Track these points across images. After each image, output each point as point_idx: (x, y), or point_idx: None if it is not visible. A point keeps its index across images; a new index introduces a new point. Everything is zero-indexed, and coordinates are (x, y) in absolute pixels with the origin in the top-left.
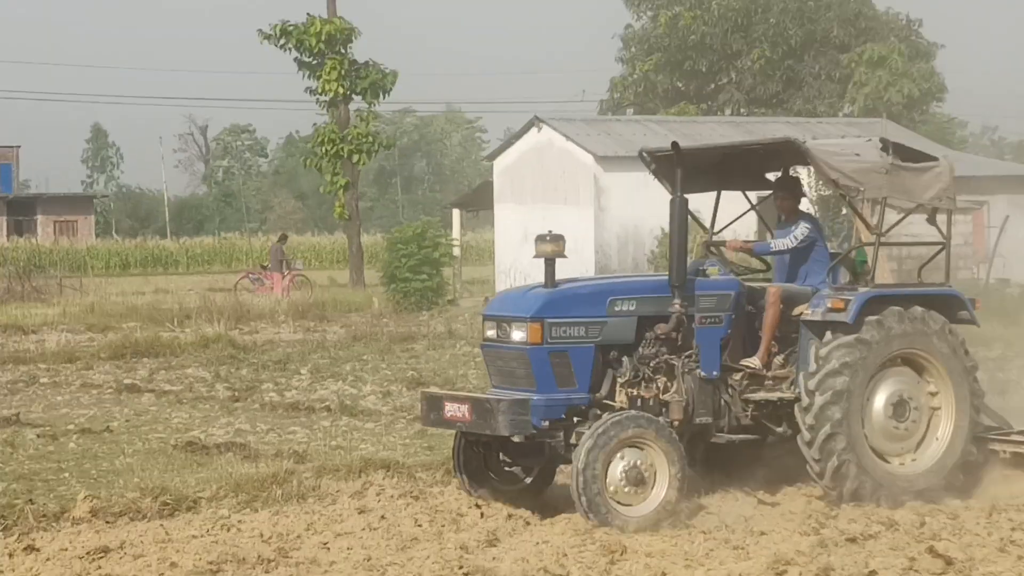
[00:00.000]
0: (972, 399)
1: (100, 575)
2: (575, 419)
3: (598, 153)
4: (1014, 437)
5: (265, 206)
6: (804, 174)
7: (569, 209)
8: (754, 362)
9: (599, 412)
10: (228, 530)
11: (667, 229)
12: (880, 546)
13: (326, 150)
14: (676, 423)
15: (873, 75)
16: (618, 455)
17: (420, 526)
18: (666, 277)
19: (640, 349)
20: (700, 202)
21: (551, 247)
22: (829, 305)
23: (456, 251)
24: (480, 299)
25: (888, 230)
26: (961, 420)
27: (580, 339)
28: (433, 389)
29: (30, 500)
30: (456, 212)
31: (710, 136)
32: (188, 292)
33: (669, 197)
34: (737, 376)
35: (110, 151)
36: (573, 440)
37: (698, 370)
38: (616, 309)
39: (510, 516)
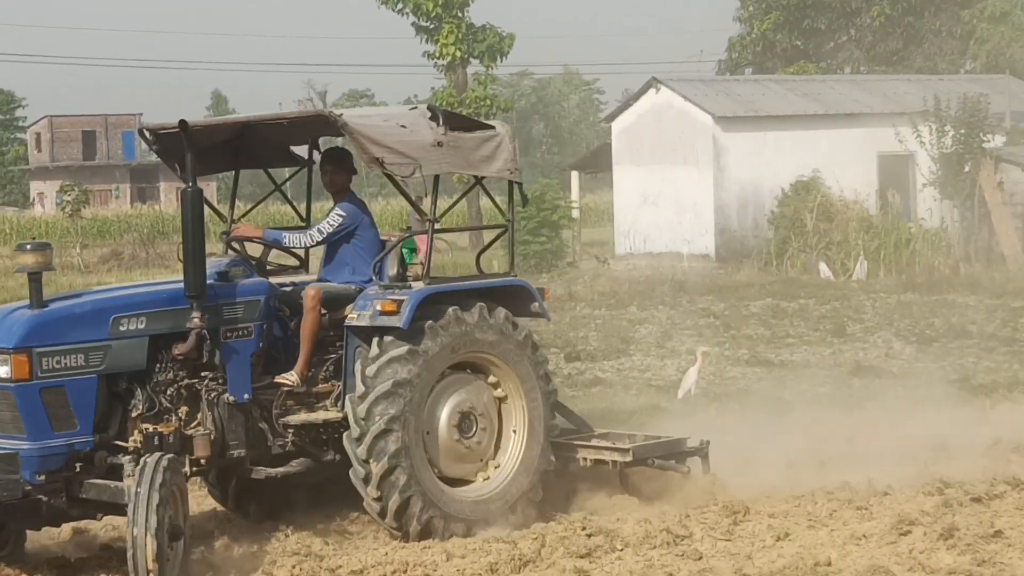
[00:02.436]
0: (545, 401)
1: None
2: (77, 467)
3: (717, 113)
4: (595, 442)
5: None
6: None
7: (688, 170)
8: (291, 378)
9: (107, 456)
10: None
11: (787, 189)
12: (1006, 506)
13: None
14: (204, 461)
15: (995, 31)
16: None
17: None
18: (182, 286)
19: (156, 375)
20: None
21: (34, 258)
22: (379, 308)
23: (575, 213)
24: (604, 260)
25: (443, 214)
26: (535, 427)
27: (79, 370)
28: None
29: None
30: (575, 174)
31: (828, 95)
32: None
33: (788, 156)
34: (272, 396)
35: None
36: (85, 494)
37: (226, 394)
38: (122, 329)
39: (628, 484)
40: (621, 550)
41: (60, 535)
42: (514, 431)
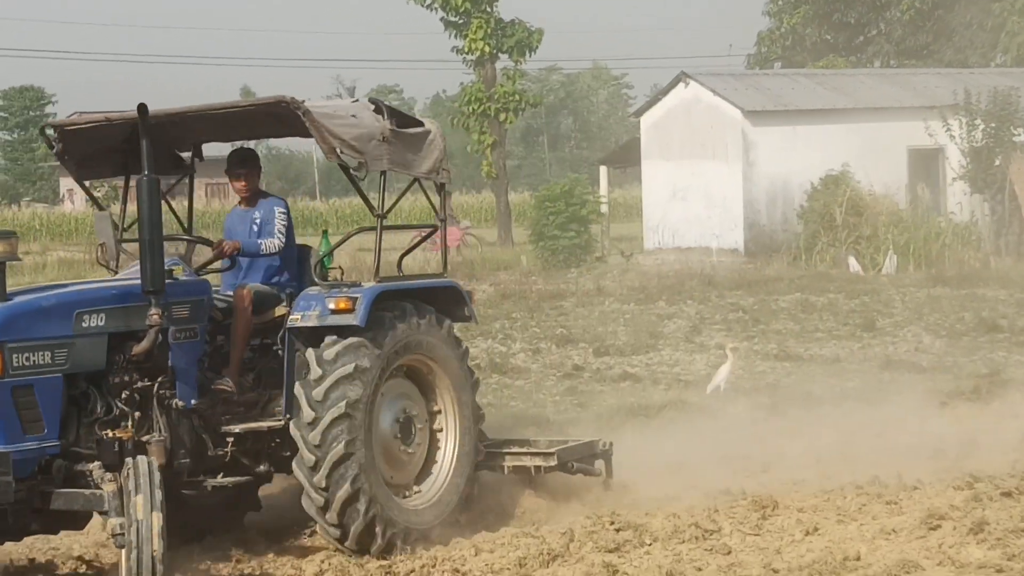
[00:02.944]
0: (472, 395)
1: None
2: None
3: (746, 108)
4: (513, 449)
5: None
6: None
7: (717, 165)
8: (228, 383)
9: (64, 464)
10: None
11: (817, 183)
12: None
13: (473, 109)
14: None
15: None
16: None
17: (567, 481)
18: (139, 281)
19: (112, 377)
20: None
21: (2, 246)
22: (331, 306)
23: (604, 208)
24: (628, 254)
25: (388, 210)
26: (466, 424)
27: (46, 368)
28: None
29: None
30: (603, 169)
31: (857, 89)
32: (338, 252)
33: (817, 150)
34: (207, 404)
35: None
36: (54, 504)
37: (175, 399)
38: (84, 326)
39: (657, 478)
40: (650, 544)
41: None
42: (446, 438)
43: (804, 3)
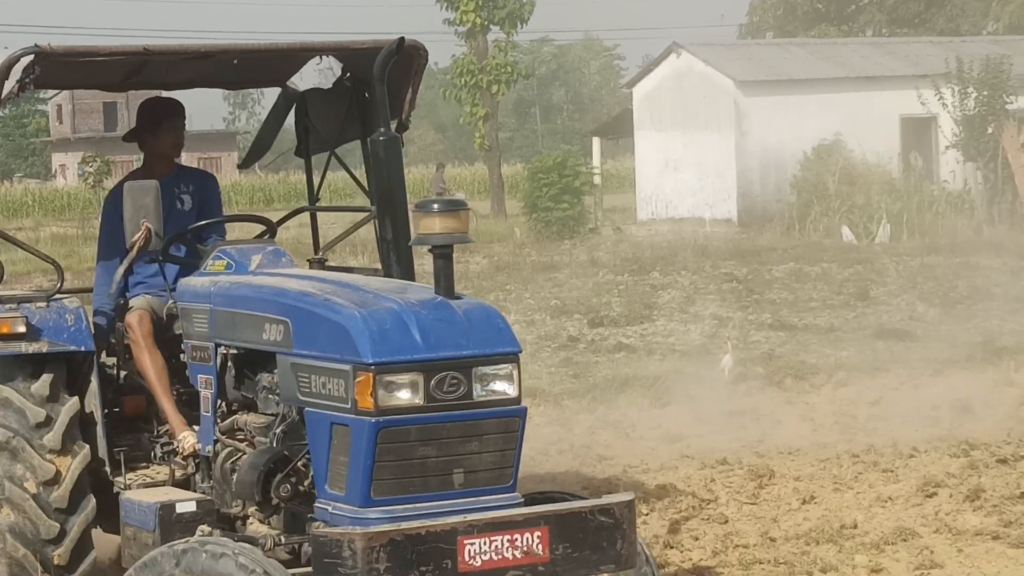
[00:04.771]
0: None
1: None
2: None
3: (738, 78)
4: None
5: (405, 138)
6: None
7: (710, 135)
8: None
9: None
10: None
11: (809, 153)
12: None
13: (465, 81)
14: None
15: None
16: None
17: (563, 453)
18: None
19: None
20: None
21: (444, 223)
22: None
23: (597, 179)
24: (616, 228)
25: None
26: None
27: None
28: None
29: None
30: (596, 140)
31: (850, 58)
32: (331, 225)
33: (810, 119)
34: None
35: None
36: None
37: None
38: None
39: (653, 449)
40: (646, 514)
41: None
42: None
43: None
